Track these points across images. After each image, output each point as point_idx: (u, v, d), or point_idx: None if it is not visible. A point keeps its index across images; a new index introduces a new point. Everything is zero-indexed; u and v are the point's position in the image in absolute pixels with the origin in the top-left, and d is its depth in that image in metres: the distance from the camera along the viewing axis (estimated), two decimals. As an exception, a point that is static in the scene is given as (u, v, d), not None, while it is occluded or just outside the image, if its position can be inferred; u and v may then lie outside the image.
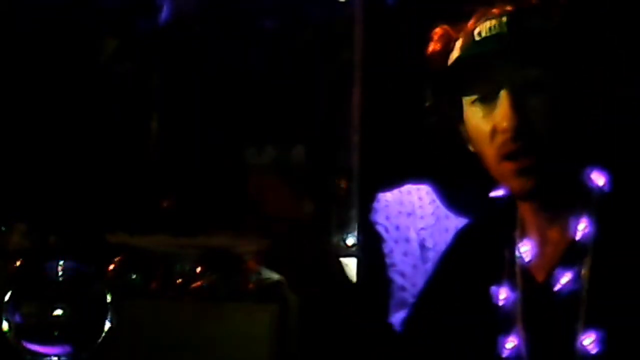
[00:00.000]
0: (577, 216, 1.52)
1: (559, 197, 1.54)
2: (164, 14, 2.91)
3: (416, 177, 2.65)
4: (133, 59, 2.90)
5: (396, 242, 2.59)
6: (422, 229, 2.60)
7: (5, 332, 1.57)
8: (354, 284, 2.53)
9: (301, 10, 2.87)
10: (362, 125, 2.70)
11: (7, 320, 1.57)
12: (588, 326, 1.46)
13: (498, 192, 1.64)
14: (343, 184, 2.73)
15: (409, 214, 2.62)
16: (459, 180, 2.59)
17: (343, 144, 2.73)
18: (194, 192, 2.81)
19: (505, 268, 1.58)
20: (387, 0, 2.79)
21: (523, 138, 1.47)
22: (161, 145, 2.89)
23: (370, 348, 1.97)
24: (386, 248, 2.59)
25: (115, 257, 2.16)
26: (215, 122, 2.88)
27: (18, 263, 2.04)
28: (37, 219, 2.23)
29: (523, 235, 1.59)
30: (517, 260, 1.57)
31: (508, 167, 1.50)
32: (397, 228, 2.60)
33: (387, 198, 2.64)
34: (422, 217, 2.61)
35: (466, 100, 1.55)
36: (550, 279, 1.52)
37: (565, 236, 1.53)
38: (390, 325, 2.47)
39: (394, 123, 2.73)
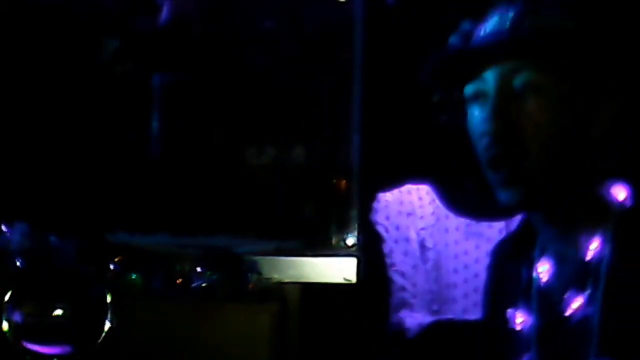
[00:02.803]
0: (592, 234, 1.38)
1: (571, 212, 1.40)
2: (164, 14, 2.91)
3: (416, 177, 2.65)
4: (133, 59, 2.90)
5: (396, 242, 2.59)
6: (422, 229, 2.60)
7: (5, 332, 1.57)
8: (354, 284, 2.52)
9: (301, 10, 2.86)
10: (362, 125, 2.70)
11: (7, 320, 1.57)
12: (601, 356, 1.34)
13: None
14: (343, 184, 2.72)
15: (409, 214, 2.62)
16: (459, 180, 2.59)
17: (343, 144, 2.73)
18: (193, 192, 2.81)
19: (523, 289, 1.46)
20: (387, 0, 2.79)
21: (505, 144, 1.37)
22: (161, 145, 2.89)
23: (370, 348, 1.98)
24: (386, 248, 2.59)
25: (115, 257, 2.16)
26: (215, 122, 2.88)
27: (18, 263, 2.04)
28: (37, 219, 2.23)
29: (542, 253, 1.46)
30: (535, 282, 1.45)
31: (492, 177, 1.41)
32: (397, 228, 2.60)
33: (387, 198, 2.64)
34: (422, 217, 2.61)
35: (467, 98, 1.45)
36: (565, 303, 1.40)
37: (580, 256, 1.40)
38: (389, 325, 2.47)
39: (394, 123, 2.73)
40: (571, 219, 1.41)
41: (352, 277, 2.49)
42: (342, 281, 2.45)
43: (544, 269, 1.44)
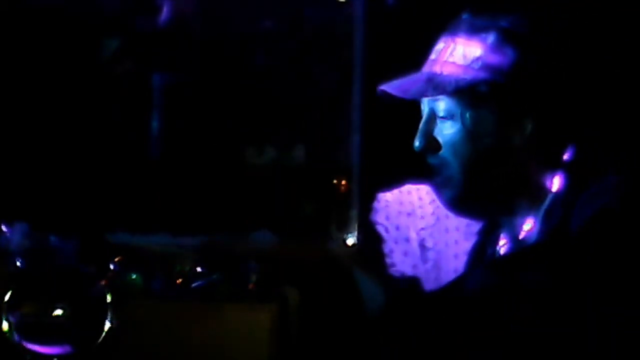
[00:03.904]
0: (526, 217, 1.70)
1: (509, 202, 1.72)
2: (164, 14, 2.91)
3: (416, 177, 2.65)
4: (133, 59, 2.90)
5: (396, 242, 2.59)
6: (422, 229, 2.60)
7: (5, 332, 1.57)
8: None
9: (301, 10, 2.86)
10: (362, 125, 2.70)
11: (7, 320, 1.57)
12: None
13: None
14: (343, 184, 2.72)
15: (409, 214, 2.62)
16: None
17: (343, 144, 2.73)
18: (194, 192, 2.81)
19: (490, 257, 1.82)
20: (387, 0, 2.79)
21: (429, 157, 1.75)
22: (161, 145, 2.89)
23: (370, 348, 1.98)
24: (386, 248, 2.59)
25: (115, 257, 2.16)
26: (215, 122, 2.88)
27: (18, 263, 2.04)
28: (37, 219, 2.23)
29: (500, 233, 1.82)
30: (497, 253, 1.81)
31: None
32: (397, 228, 2.60)
33: (387, 198, 2.64)
34: (422, 217, 2.61)
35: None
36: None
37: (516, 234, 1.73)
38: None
39: (394, 123, 2.73)
40: (510, 208, 1.73)
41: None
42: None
43: (502, 244, 1.80)
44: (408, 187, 2.66)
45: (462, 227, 2.60)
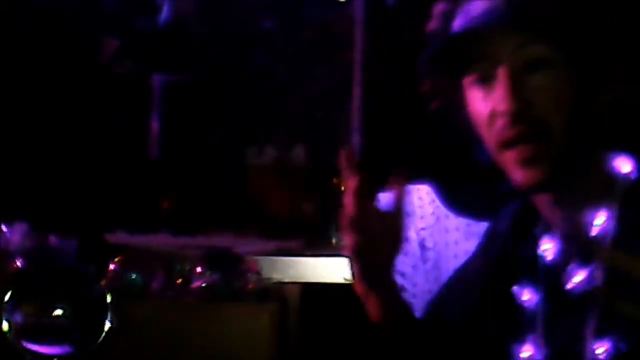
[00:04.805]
0: (597, 209, 1.33)
1: (576, 188, 1.36)
2: (164, 14, 2.91)
3: (416, 177, 2.65)
4: (133, 59, 2.90)
5: (396, 242, 2.59)
6: (422, 229, 2.60)
7: (5, 332, 1.57)
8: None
9: (301, 10, 2.87)
10: (362, 125, 2.70)
11: (7, 320, 1.57)
12: (600, 334, 1.30)
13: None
14: (343, 184, 2.72)
15: (409, 214, 2.62)
16: (459, 180, 2.59)
17: (343, 144, 2.73)
18: (194, 192, 2.81)
19: (527, 268, 1.42)
20: (387, 0, 2.79)
21: (523, 122, 1.32)
22: (161, 145, 2.89)
23: (369, 348, 1.97)
24: (386, 248, 2.59)
25: (115, 257, 2.16)
26: (215, 122, 2.88)
27: (18, 263, 2.04)
28: (37, 219, 2.23)
29: (546, 231, 1.41)
30: (539, 260, 1.40)
31: (510, 156, 1.34)
32: (397, 228, 2.60)
33: (387, 198, 2.64)
34: (422, 217, 2.61)
35: (466, 81, 1.39)
36: (567, 276, 1.33)
37: (584, 232, 1.34)
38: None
39: (394, 123, 2.73)
40: (578, 197, 1.36)
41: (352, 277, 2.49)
42: (342, 281, 2.45)
43: (547, 247, 1.39)
44: (408, 187, 2.66)
45: (462, 227, 2.60)
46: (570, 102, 1.32)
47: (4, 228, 2.14)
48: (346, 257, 1.63)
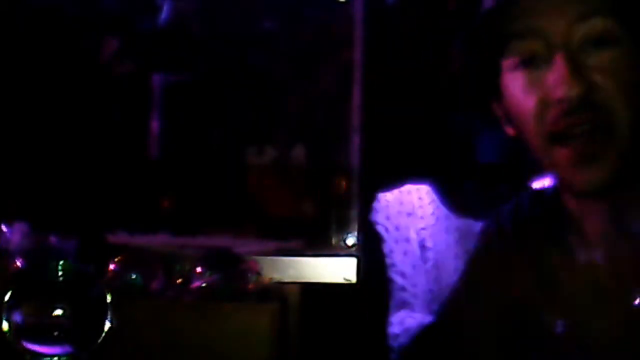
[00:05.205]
0: None
1: (633, 197, 1.12)
2: (164, 14, 2.91)
3: (416, 177, 2.65)
4: (133, 59, 2.90)
5: (396, 242, 2.59)
6: (422, 229, 2.60)
7: (5, 332, 1.57)
8: (354, 284, 2.53)
9: (301, 10, 2.86)
10: (362, 125, 2.70)
11: (7, 320, 1.57)
12: None
13: (542, 183, 1.26)
14: (343, 184, 2.72)
15: (409, 214, 2.61)
16: (459, 180, 2.59)
17: (343, 144, 2.73)
18: (194, 192, 2.81)
19: (560, 283, 1.16)
20: (387, 0, 2.79)
21: (584, 111, 1.07)
22: (161, 145, 2.89)
23: (369, 348, 1.97)
24: (386, 248, 2.59)
25: (115, 257, 2.16)
26: (215, 122, 2.88)
27: (18, 263, 2.04)
28: (37, 219, 2.23)
29: (583, 242, 1.17)
30: (580, 275, 1.15)
31: (563, 153, 1.10)
32: (397, 228, 2.60)
33: (387, 198, 2.64)
34: (422, 217, 2.61)
35: (507, 63, 1.15)
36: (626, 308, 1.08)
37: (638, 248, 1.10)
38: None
39: (394, 123, 2.73)
40: (631, 205, 1.12)
41: (352, 277, 2.49)
42: (342, 281, 2.45)
43: (591, 261, 1.15)
44: (408, 187, 2.66)
45: (462, 227, 2.60)
46: (637, 89, 1.08)
47: (4, 228, 2.14)
48: (346, 257, 1.60)
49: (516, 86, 1.14)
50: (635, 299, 1.07)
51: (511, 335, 1.23)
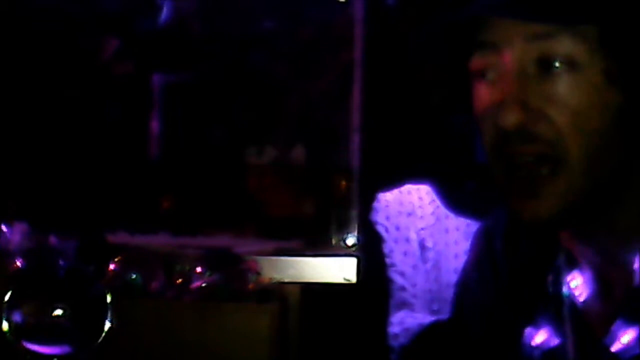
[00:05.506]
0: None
1: (614, 223, 1.03)
2: (164, 14, 2.91)
3: (416, 177, 2.65)
4: (133, 59, 2.90)
5: (396, 242, 2.59)
6: (422, 229, 2.60)
7: (5, 332, 1.57)
8: (354, 284, 2.53)
9: (301, 10, 2.86)
10: (362, 125, 2.70)
11: (7, 320, 1.57)
12: None
13: None
14: (343, 184, 2.72)
15: (409, 214, 2.61)
16: (459, 180, 2.59)
17: (343, 144, 2.73)
18: (194, 192, 2.81)
19: (547, 305, 1.11)
20: (387, 0, 2.79)
21: (523, 144, 0.97)
22: (161, 145, 2.89)
23: (369, 348, 1.97)
24: (386, 248, 2.59)
25: (115, 257, 2.16)
26: (215, 122, 2.88)
27: (18, 263, 2.04)
28: (37, 219, 2.23)
29: (571, 265, 1.10)
30: (566, 299, 1.09)
31: (508, 180, 1.02)
32: (397, 228, 2.60)
33: (387, 198, 2.64)
34: (422, 217, 2.61)
35: (471, 72, 1.08)
36: (612, 336, 1.03)
37: (627, 276, 1.02)
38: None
39: (394, 123, 2.73)
40: (617, 234, 1.04)
41: (352, 277, 2.49)
42: (342, 281, 2.45)
43: (576, 284, 1.08)
44: (408, 187, 2.66)
45: (462, 227, 2.60)
46: (596, 119, 0.97)
47: (4, 228, 2.14)
48: (346, 257, 1.60)
49: (476, 96, 1.08)
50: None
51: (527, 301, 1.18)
